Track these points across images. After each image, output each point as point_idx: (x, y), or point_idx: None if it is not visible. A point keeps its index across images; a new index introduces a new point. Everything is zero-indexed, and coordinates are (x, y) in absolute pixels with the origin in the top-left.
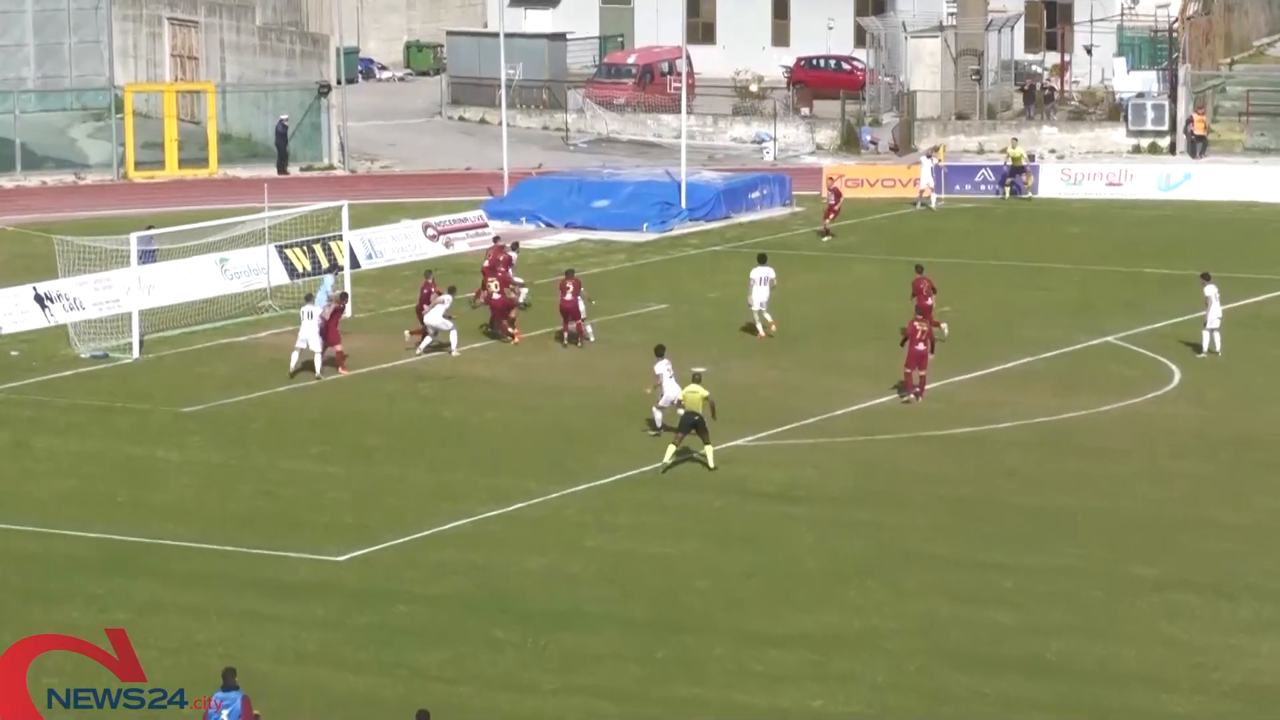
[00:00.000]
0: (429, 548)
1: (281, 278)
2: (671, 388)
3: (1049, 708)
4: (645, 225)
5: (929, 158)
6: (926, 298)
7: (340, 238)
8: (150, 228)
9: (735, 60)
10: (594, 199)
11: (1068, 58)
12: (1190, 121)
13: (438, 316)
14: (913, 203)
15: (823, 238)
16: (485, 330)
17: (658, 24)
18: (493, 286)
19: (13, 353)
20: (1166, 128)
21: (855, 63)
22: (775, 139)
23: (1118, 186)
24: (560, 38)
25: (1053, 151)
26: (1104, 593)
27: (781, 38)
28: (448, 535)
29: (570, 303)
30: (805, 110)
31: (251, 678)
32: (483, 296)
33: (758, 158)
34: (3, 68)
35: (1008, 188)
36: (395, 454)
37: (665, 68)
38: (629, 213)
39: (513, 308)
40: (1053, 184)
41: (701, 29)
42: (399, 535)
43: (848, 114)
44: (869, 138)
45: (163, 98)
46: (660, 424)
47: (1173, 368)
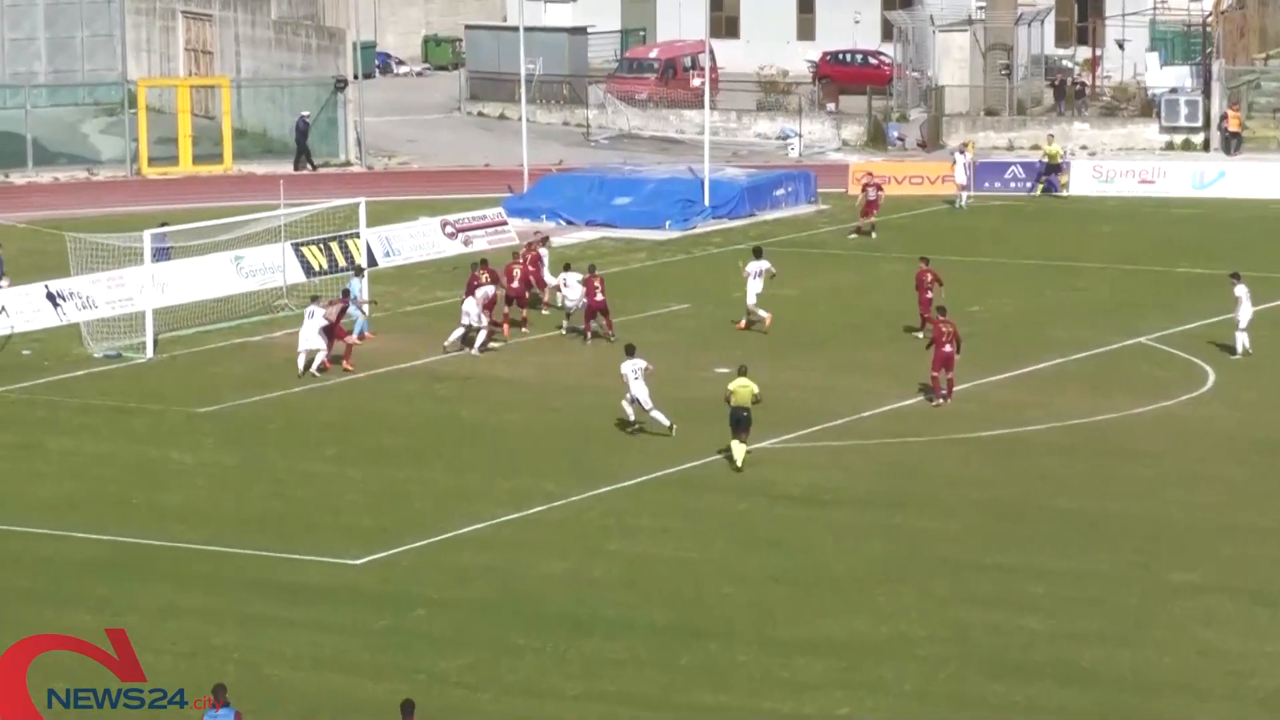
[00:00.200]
0: (448, 551)
1: (298, 276)
2: (639, 387)
3: (1082, 715)
4: (668, 223)
5: (962, 154)
6: (927, 290)
7: (357, 235)
8: (164, 225)
9: (759, 55)
10: (615, 196)
11: (1099, 52)
12: (1224, 118)
13: (475, 307)
14: (951, 201)
15: (869, 234)
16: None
17: (680, 18)
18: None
19: (24, 352)
20: (1200, 124)
21: (882, 57)
22: (800, 135)
23: (1150, 184)
24: (581, 32)
25: (1084, 148)
26: (1138, 598)
27: (807, 32)
28: (467, 538)
29: (601, 301)
30: (831, 106)
31: (267, 683)
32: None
33: (782, 154)
34: (13, 62)
35: (1041, 185)
36: (413, 455)
37: (688, 62)
38: (651, 210)
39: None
40: (1084, 181)
41: (725, 23)
42: (417, 538)
43: (874, 109)
44: (896, 134)
45: (176, 92)
46: (634, 419)
47: (1207, 369)
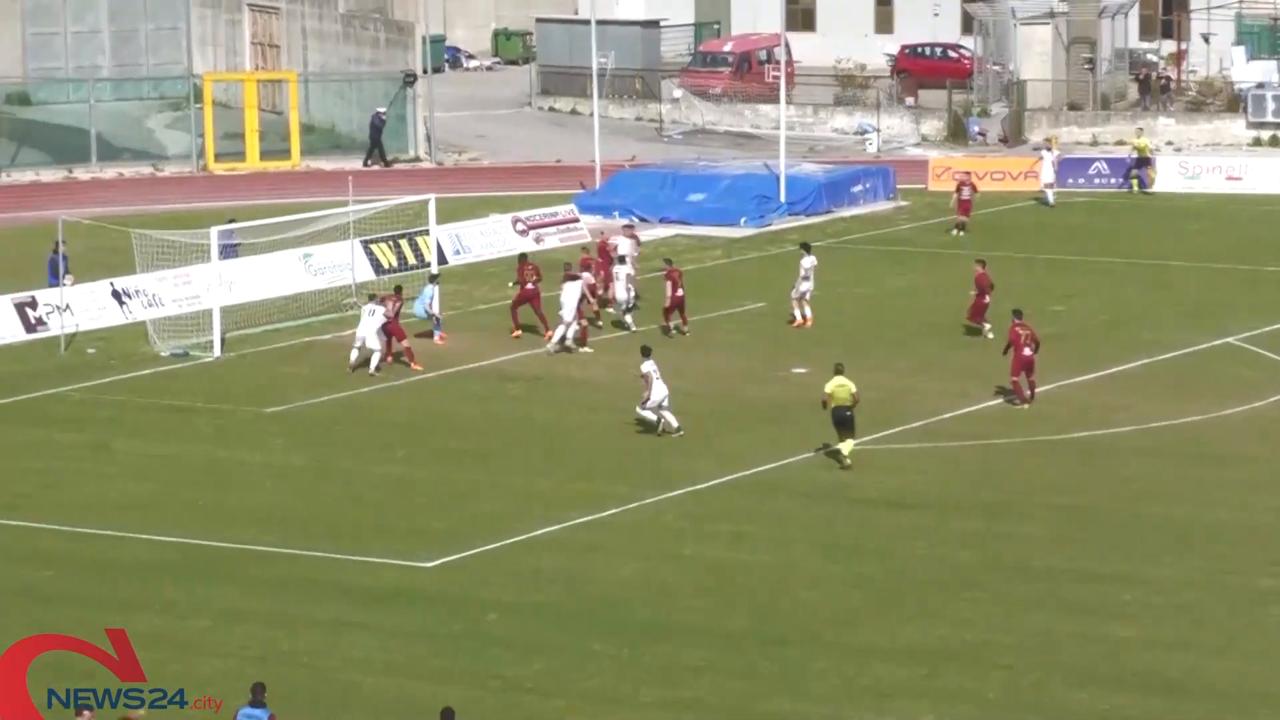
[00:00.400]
0: (520, 554)
1: (367, 274)
2: (659, 388)
3: None
4: (743, 220)
5: (1050, 151)
6: (984, 295)
7: (427, 232)
8: (231, 221)
9: (836, 48)
10: (689, 193)
11: (1184, 46)
12: None
13: (573, 299)
14: (1039, 197)
15: (958, 231)
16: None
17: (755, 10)
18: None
19: (89, 350)
20: None
21: (962, 50)
22: (879, 130)
23: (1237, 181)
24: (654, 25)
25: (1169, 144)
26: (1227, 606)
27: (885, 24)
28: (539, 541)
29: (680, 297)
30: (910, 100)
31: (338, 688)
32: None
33: (860, 149)
34: (77, 55)
35: (1134, 180)
36: (483, 457)
37: (763, 56)
38: (725, 207)
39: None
40: (1170, 178)
41: (801, 15)
42: (489, 541)
43: (954, 104)
44: (977, 129)
45: (243, 87)
46: (659, 424)
47: None
